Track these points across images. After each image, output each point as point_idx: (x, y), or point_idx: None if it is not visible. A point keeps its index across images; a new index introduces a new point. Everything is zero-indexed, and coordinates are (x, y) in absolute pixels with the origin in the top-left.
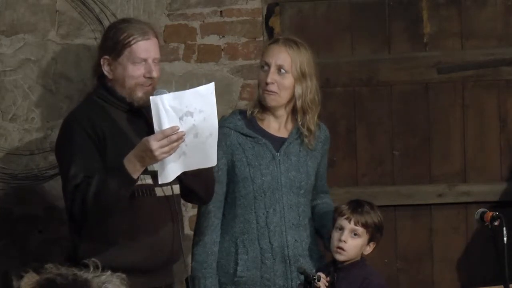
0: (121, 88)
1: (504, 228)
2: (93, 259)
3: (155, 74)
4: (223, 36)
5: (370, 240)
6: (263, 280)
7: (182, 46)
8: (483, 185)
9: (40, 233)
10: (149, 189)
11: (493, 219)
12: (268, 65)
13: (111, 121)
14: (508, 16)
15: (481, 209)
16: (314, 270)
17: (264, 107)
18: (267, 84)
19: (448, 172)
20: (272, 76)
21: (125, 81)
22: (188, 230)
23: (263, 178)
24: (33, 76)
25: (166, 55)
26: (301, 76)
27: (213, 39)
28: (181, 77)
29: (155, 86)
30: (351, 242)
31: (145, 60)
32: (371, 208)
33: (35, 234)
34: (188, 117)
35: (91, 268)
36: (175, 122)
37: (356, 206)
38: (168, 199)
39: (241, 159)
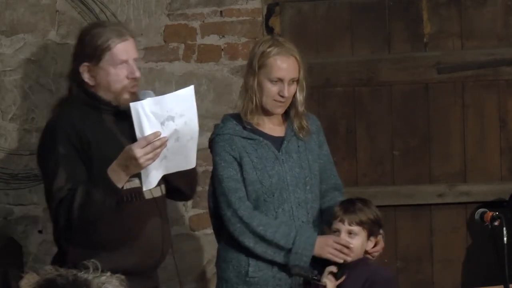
0: (105, 93)
1: (504, 228)
2: (92, 260)
3: (137, 74)
4: (223, 36)
5: (369, 236)
6: (275, 280)
7: (182, 46)
8: (483, 185)
9: (40, 233)
10: (138, 192)
11: (493, 219)
12: (282, 80)
13: (96, 126)
14: (508, 16)
15: (481, 209)
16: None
17: (264, 112)
18: (282, 97)
19: (448, 172)
20: (288, 89)
21: (110, 85)
22: (188, 230)
23: (271, 180)
24: (33, 76)
25: (166, 55)
26: (303, 81)
27: (213, 39)
28: (181, 77)
29: (138, 86)
30: (351, 242)
31: (125, 61)
32: (364, 205)
33: (35, 234)
34: (169, 121)
35: (91, 269)
36: (157, 128)
37: (348, 206)
38: (156, 201)
39: (248, 162)
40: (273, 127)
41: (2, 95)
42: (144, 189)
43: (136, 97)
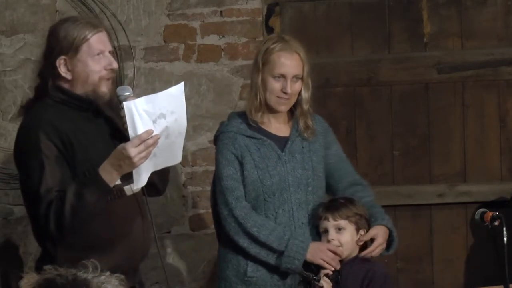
0: (83, 86)
1: (504, 228)
2: (91, 259)
3: (115, 65)
4: (223, 36)
5: (358, 229)
6: (273, 280)
7: (182, 46)
8: (483, 185)
9: None
10: (119, 189)
11: (493, 219)
12: (285, 77)
13: (74, 124)
14: (508, 16)
15: (481, 209)
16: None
17: (269, 110)
18: (285, 93)
19: (448, 172)
20: (292, 86)
21: (88, 77)
22: (188, 230)
23: (272, 180)
24: (33, 76)
25: (166, 55)
26: (308, 79)
27: (213, 39)
28: (181, 77)
29: (114, 79)
30: (340, 237)
31: (102, 52)
32: (346, 201)
33: None
34: (161, 119)
35: (90, 269)
36: (149, 126)
37: (330, 204)
38: (136, 196)
39: (249, 161)
40: (278, 126)
41: (2, 95)
42: (135, 187)
43: (114, 92)
